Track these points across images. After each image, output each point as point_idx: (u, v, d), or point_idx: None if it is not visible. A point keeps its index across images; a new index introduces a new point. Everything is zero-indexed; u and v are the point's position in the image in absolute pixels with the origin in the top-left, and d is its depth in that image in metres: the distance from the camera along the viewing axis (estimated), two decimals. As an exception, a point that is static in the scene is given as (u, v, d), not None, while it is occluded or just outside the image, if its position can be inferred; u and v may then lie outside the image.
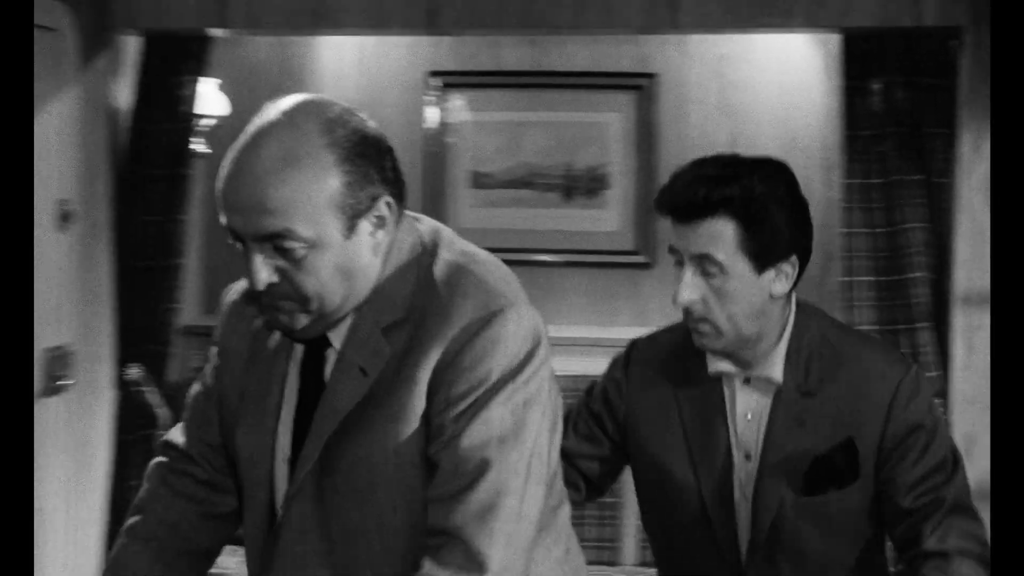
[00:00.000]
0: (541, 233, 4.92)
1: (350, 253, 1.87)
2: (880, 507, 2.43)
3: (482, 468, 1.83)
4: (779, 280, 2.38)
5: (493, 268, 1.95)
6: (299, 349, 1.99)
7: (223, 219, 1.86)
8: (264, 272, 1.84)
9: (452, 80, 4.96)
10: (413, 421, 1.87)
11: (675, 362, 2.52)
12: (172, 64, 4.31)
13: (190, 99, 4.31)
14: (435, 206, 4.92)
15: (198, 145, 4.47)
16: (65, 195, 3.99)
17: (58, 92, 3.93)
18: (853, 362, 2.44)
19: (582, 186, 4.93)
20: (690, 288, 2.35)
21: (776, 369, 2.43)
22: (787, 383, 2.44)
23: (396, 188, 1.89)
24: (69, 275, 4.03)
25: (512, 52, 4.95)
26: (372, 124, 1.90)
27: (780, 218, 2.34)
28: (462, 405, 1.85)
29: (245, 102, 4.94)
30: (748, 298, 2.36)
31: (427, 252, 1.95)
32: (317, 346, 1.95)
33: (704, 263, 2.34)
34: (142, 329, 4.33)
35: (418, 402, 1.87)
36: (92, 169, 4.15)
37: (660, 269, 4.86)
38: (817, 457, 2.41)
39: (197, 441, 2.15)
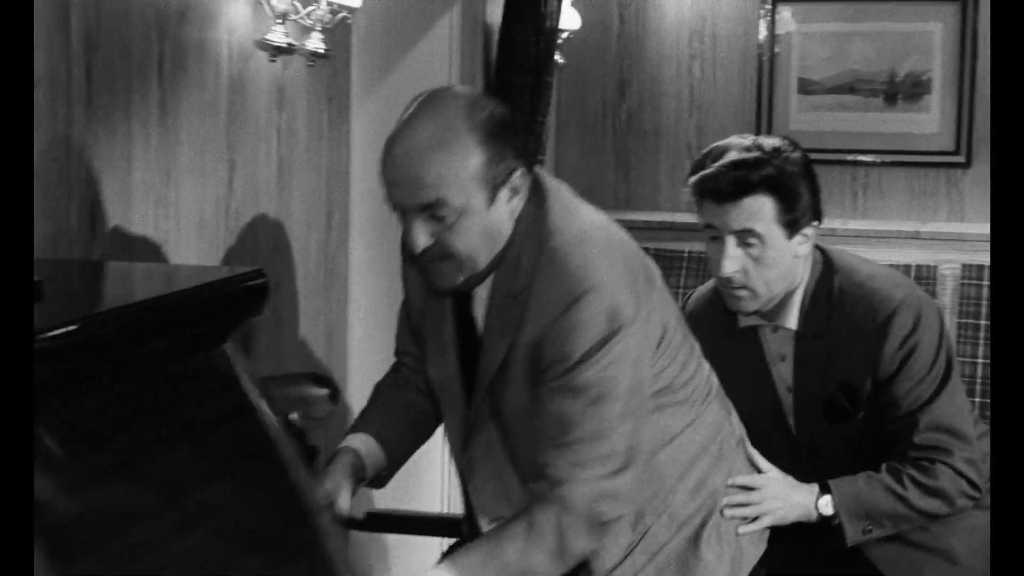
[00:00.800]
0: (864, 135, 5.30)
1: (492, 219, 2.17)
2: (880, 426, 2.71)
3: (569, 424, 2.15)
4: (803, 242, 2.68)
5: (590, 248, 2.19)
6: (451, 300, 2.35)
7: (388, 195, 2.18)
8: (422, 237, 2.15)
9: (784, -5, 5.38)
10: (520, 381, 2.23)
11: (713, 320, 2.83)
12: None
13: (553, 14, 4.90)
14: (766, 111, 5.37)
15: (558, 55, 5.07)
16: (449, 99, 4.67)
17: (444, 10, 4.60)
18: (854, 300, 2.69)
19: (904, 91, 5.28)
20: (732, 260, 2.65)
21: (792, 319, 2.74)
22: (801, 329, 2.73)
23: (526, 160, 2.19)
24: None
25: (841, -33, 5.33)
26: (502, 107, 2.20)
27: (803, 188, 2.65)
28: (553, 376, 2.16)
29: (595, 17, 5.53)
30: (781, 262, 2.66)
31: (544, 227, 2.21)
32: (464, 299, 2.32)
33: (745, 236, 2.63)
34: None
35: (520, 368, 2.22)
36: (469, 75, 4.83)
37: (976, 168, 5.18)
38: (825, 398, 2.71)
39: (409, 362, 2.60)
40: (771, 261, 2.65)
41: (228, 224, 3.21)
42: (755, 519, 2.60)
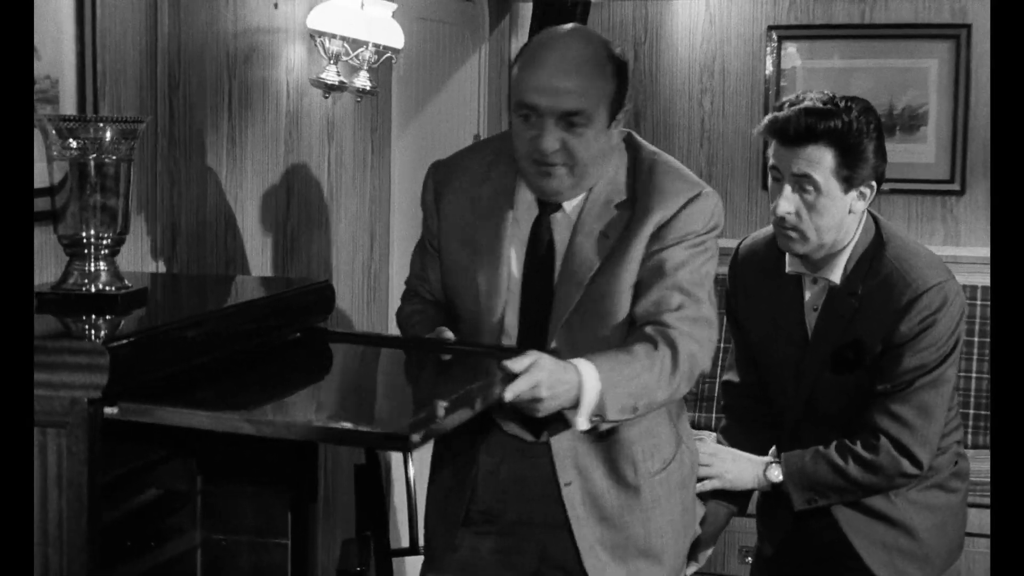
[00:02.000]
0: (865, 164, 5.64)
1: (606, 140, 2.48)
2: (872, 384, 2.87)
3: (692, 299, 2.48)
4: (859, 199, 2.82)
5: (678, 166, 2.58)
6: (522, 218, 2.55)
7: (527, 99, 2.40)
8: (553, 143, 2.41)
9: (788, 33, 5.68)
10: (635, 269, 2.50)
11: (764, 260, 3.02)
12: (556, 23, 5.27)
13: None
14: (773, 141, 5.71)
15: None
16: (477, 130, 5.05)
17: (474, 50, 4.98)
18: (892, 271, 2.84)
19: (902, 123, 5.61)
20: (787, 201, 2.80)
21: (836, 273, 2.88)
22: (841, 284, 2.88)
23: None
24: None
25: (842, 7, 5.67)
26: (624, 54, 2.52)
27: (869, 149, 2.79)
28: (678, 249, 2.48)
29: (613, 54, 5.88)
30: (834, 213, 2.79)
31: (633, 151, 2.57)
32: (547, 212, 2.54)
33: (802, 181, 2.78)
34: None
35: (639, 255, 2.49)
36: (496, 108, 5.20)
37: (970, 195, 5.51)
38: (834, 350, 2.88)
39: (425, 290, 2.74)
40: (823, 209, 2.78)
41: (285, 244, 3.57)
42: (704, 481, 2.91)
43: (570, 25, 2.53)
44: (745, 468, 2.96)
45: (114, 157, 2.19)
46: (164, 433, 2.31)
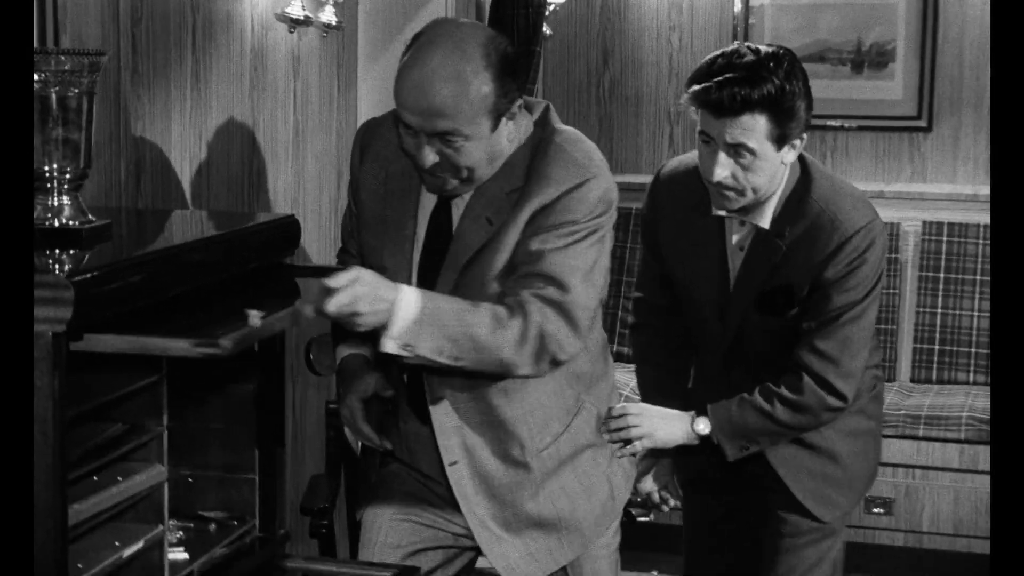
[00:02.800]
0: (832, 101, 5.62)
1: (494, 142, 2.38)
2: (800, 319, 2.87)
3: (557, 286, 2.39)
4: (791, 150, 2.78)
5: (582, 146, 2.47)
6: (429, 198, 2.50)
7: (402, 117, 2.33)
8: (431, 156, 2.35)
9: (757, -31, 5.71)
10: (508, 256, 2.43)
11: (687, 194, 2.93)
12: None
13: (541, -11, 5.22)
14: (741, 78, 5.70)
15: (545, 26, 5.39)
16: (444, 67, 5.01)
17: (441, -15, 4.93)
18: (819, 212, 2.82)
19: (870, 60, 5.61)
20: (723, 167, 2.74)
21: (765, 218, 2.86)
22: (769, 228, 2.85)
23: (523, 87, 2.51)
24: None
25: (810, -57, 5.66)
26: (509, 43, 2.39)
27: (800, 106, 2.73)
28: (551, 235, 2.39)
29: (581, -9, 5.86)
30: (768, 170, 2.76)
31: (536, 134, 2.46)
32: (447, 199, 2.49)
33: (737, 148, 2.72)
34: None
35: (514, 240, 2.41)
36: (463, 47, 5.16)
37: (937, 132, 5.53)
38: (764, 292, 2.87)
39: (356, 251, 2.66)
40: (759, 169, 2.76)
41: (251, 180, 3.55)
42: (630, 443, 2.87)
43: (447, 26, 2.40)
44: (674, 424, 2.94)
45: (76, 90, 2.17)
46: (131, 368, 2.31)
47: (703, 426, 2.93)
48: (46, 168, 2.17)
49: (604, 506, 2.70)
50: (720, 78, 2.69)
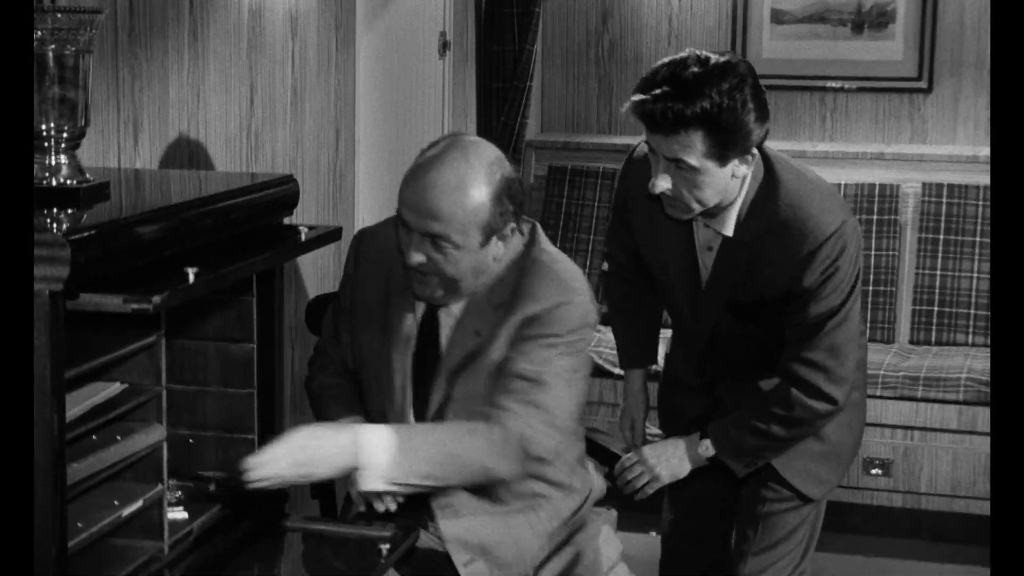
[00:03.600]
0: (833, 62, 5.61)
1: (481, 257, 2.48)
2: (782, 328, 2.86)
3: (534, 384, 2.49)
4: (742, 164, 2.68)
5: (568, 266, 2.60)
6: (420, 306, 2.59)
7: (399, 212, 2.45)
8: (419, 255, 2.45)
9: (758, -72, 5.68)
10: (496, 362, 2.53)
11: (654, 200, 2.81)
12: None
13: (540, -51, 5.20)
14: (740, 40, 5.68)
15: (544, -13, 5.37)
16: (443, 27, 4.99)
17: (439, -55, 4.91)
18: (788, 220, 2.74)
19: (870, 20, 5.58)
20: (663, 180, 2.68)
21: (729, 226, 2.79)
22: (735, 236, 2.78)
23: (519, 213, 2.53)
24: (446, 92, 5.05)
25: (811, -97, 5.62)
26: (516, 170, 2.52)
27: (746, 120, 2.61)
28: (532, 344, 2.49)
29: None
30: (714, 184, 2.68)
31: (527, 253, 2.57)
32: (434, 308, 2.59)
33: (678, 163, 2.64)
34: (497, 139, 5.32)
35: (501, 353, 2.52)
36: (463, 7, 5.14)
37: (937, 93, 5.51)
38: (734, 301, 2.84)
39: (337, 355, 2.75)
40: (703, 184, 2.68)
41: (249, 140, 3.54)
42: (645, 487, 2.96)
43: (461, 139, 2.51)
44: (680, 457, 2.95)
45: (72, 48, 2.16)
46: (129, 329, 2.31)
47: (707, 450, 2.94)
48: (43, 127, 2.16)
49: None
50: (657, 91, 2.60)
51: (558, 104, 5.84)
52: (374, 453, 2.32)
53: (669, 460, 2.96)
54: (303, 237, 2.56)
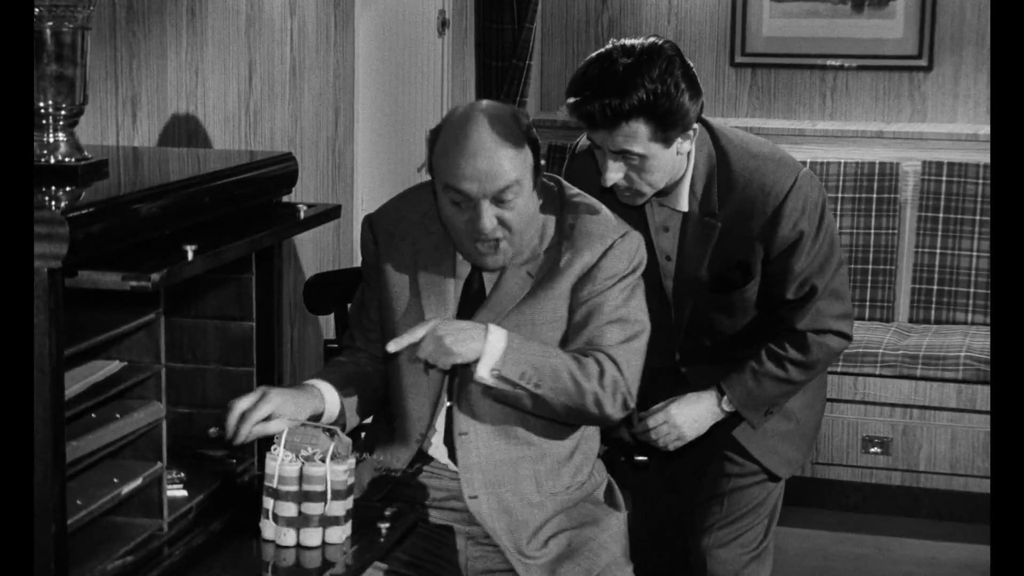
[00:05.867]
0: (833, 40, 5.60)
1: (533, 201, 2.57)
2: (769, 291, 2.92)
3: (618, 328, 2.59)
4: (684, 141, 2.76)
5: (603, 210, 2.66)
6: (463, 268, 2.64)
7: (457, 186, 2.49)
8: (491, 218, 2.50)
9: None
10: (559, 306, 2.60)
11: (600, 177, 2.82)
12: None
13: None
14: (740, 17, 5.66)
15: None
16: (443, 7, 4.98)
17: (438, -78, 4.88)
18: (745, 183, 2.82)
19: (871, -2, 5.59)
20: (614, 172, 2.74)
21: (682, 201, 2.86)
22: (692, 209, 2.85)
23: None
24: (445, 71, 5.04)
25: None
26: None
27: (682, 101, 2.68)
28: (611, 292, 2.59)
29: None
30: (664, 166, 2.76)
31: (557, 199, 2.65)
32: (477, 272, 2.63)
33: (624, 154, 2.71)
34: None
35: (564, 292, 2.59)
36: (462, -15, 5.13)
37: (937, 72, 5.50)
38: (716, 274, 2.88)
39: (360, 337, 2.78)
40: (653, 168, 2.75)
41: (248, 119, 3.53)
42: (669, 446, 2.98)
43: (478, 105, 2.57)
44: (700, 413, 2.98)
45: (70, 25, 2.14)
46: (128, 305, 2.31)
47: (728, 403, 2.97)
48: (41, 104, 2.15)
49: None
50: (589, 91, 2.67)
51: (557, 83, 5.82)
52: (491, 344, 2.48)
53: (690, 418, 2.97)
54: (302, 215, 2.55)
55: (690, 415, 2.97)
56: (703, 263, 2.90)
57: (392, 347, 2.49)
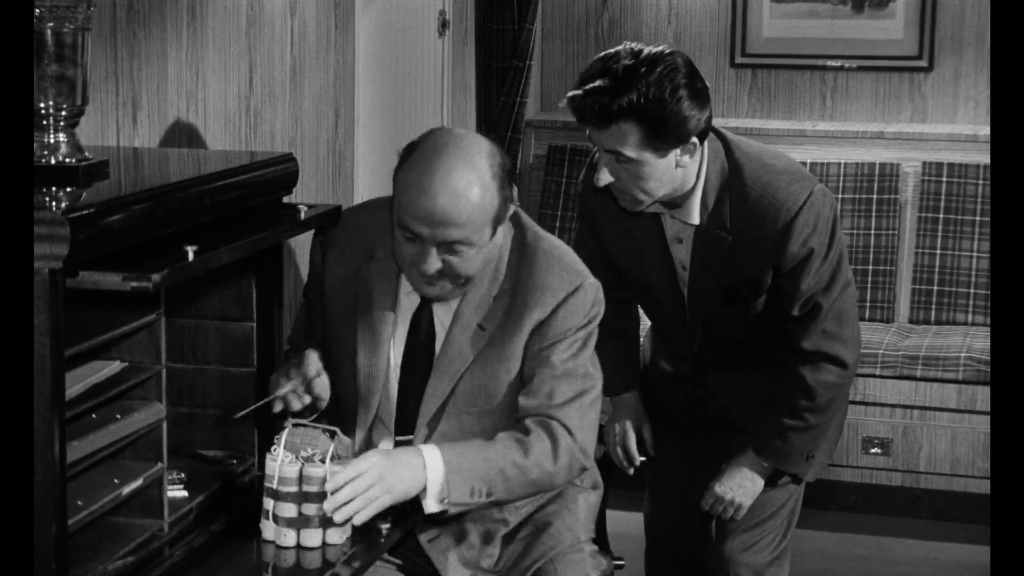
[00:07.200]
0: (833, 41, 5.59)
1: (492, 248, 2.47)
2: (777, 306, 2.89)
3: (570, 383, 2.52)
4: (685, 154, 2.70)
5: (566, 251, 2.58)
6: (409, 299, 2.55)
7: (409, 226, 2.37)
8: (436, 264, 2.39)
9: (758, -94, 5.65)
10: (514, 366, 2.52)
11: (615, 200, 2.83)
12: None
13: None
14: (740, 18, 5.66)
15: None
16: (443, 7, 4.98)
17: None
18: (757, 197, 2.78)
19: (871, -1, 5.59)
20: (606, 172, 2.72)
21: (693, 215, 2.81)
22: (703, 222, 2.81)
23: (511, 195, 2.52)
24: (445, 71, 5.04)
25: None
26: (501, 151, 2.47)
27: (680, 108, 2.61)
28: (560, 346, 2.50)
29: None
30: (657, 175, 2.69)
31: (518, 239, 2.54)
32: (428, 301, 2.54)
33: (616, 155, 2.67)
34: (497, 118, 5.31)
35: (518, 351, 2.51)
36: (462, -15, 5.13)
37: (938, 72, 5.49)
38: (725, 287, 2.87)
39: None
40: (646, 175, 2.70)
41: (248, 119, 3.53)
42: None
43: (450, 136, 2.45)
44: (743, 481, 2.99)
45: (71, 26, 2.15)
46: (129, 307, 2.31)
47: (766, 466, 2.99)
48: (41, 105, 2.15)
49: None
50: (588, 86, 2.64)
51: (558, 83, 5.81)
52: (431, 470, 2.38)
53: (744, 487, 2.99)
54: (302, 215, 2.55)
55: (738, 488, 2.99)
56: (715, 275, 2.88)
57: (330, 486, 2.32)
